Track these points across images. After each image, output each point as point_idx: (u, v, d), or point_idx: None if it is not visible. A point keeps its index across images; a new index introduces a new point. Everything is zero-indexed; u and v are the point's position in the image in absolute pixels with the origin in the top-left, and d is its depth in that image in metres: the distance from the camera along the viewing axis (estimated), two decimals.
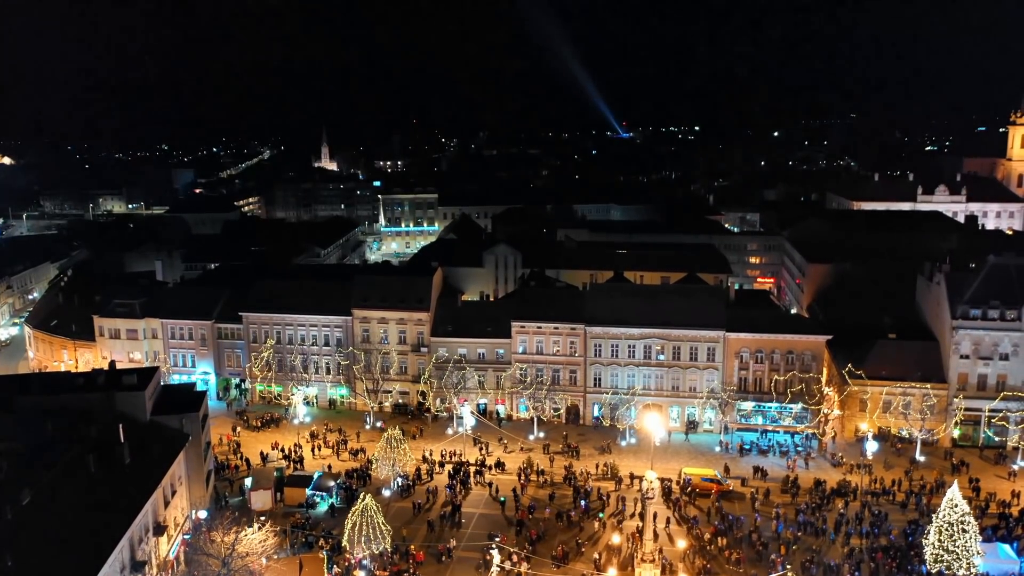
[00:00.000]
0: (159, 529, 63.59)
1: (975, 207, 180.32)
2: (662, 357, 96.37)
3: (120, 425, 63.27)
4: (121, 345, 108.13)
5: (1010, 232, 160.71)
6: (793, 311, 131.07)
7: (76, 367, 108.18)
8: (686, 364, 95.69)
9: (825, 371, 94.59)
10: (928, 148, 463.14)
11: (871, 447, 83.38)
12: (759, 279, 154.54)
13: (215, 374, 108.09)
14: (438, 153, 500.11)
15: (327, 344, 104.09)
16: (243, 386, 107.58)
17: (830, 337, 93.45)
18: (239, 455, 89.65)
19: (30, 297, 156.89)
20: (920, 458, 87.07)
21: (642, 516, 74.34)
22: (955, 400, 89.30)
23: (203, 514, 74.15)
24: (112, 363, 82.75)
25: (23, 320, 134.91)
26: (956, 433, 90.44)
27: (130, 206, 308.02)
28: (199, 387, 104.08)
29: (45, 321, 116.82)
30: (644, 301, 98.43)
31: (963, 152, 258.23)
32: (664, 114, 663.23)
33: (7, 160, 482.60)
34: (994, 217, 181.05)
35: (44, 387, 73.86)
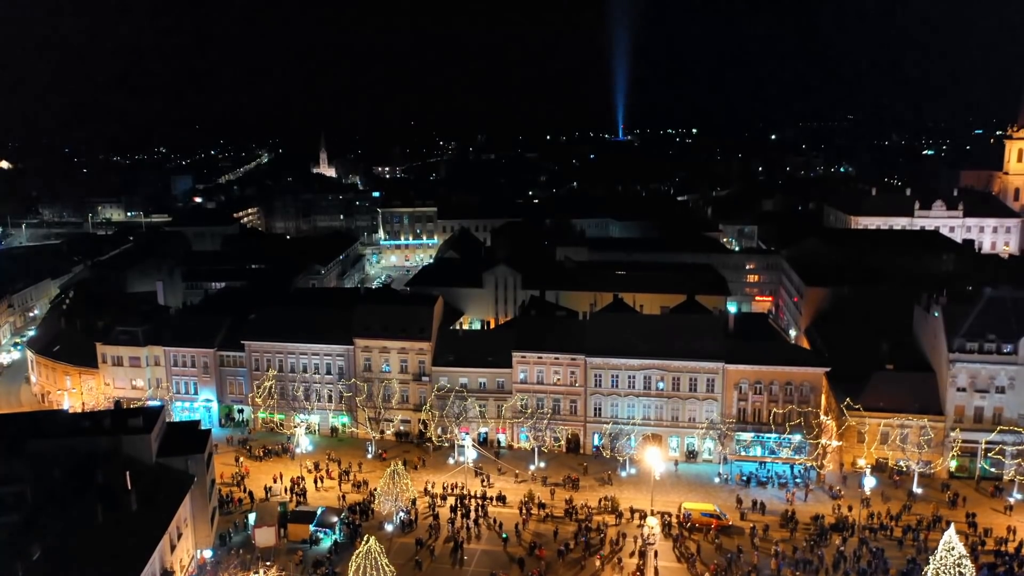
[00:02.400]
0: (166, 575, 64.27)
1: (972, 222, 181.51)
2: (662, 387, 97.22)
3: (127, 473, 63.89)
4: (124, 372, 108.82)
5: (1006, 254, 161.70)
6: (791, 332, 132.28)
7: (80, 395, 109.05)
8: (685, 395, 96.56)
9: (824, 402, 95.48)
10: (925, 152, 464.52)
11: (869, 482, 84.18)
12: (758, 297, 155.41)
13: (217, 401, 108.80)
14: (436, 157, 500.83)
15: (329, 373, 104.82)
16: (244, 415, 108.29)
17: (828, 369, 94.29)
18: (242, 487, 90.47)
19: (31, 315, 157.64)
20: (917, 490, 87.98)
21: (643, 555, 75.47)
22: (952, 432, 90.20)
23: (208, 554, 75.00)
24: (117, 403, 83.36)
25: (24, 342, 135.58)
26: (953, 465, 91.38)
27: (129, 214, 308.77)
28: (201, 415, 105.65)
29: (48, 346, 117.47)
30: (644, 331, 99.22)
31: (960, 160, 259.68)
32: (662, 116, 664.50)
33: (5, 164, 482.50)
34: (991, 232, 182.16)
35: (52, 429, 74.49)
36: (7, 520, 60.39)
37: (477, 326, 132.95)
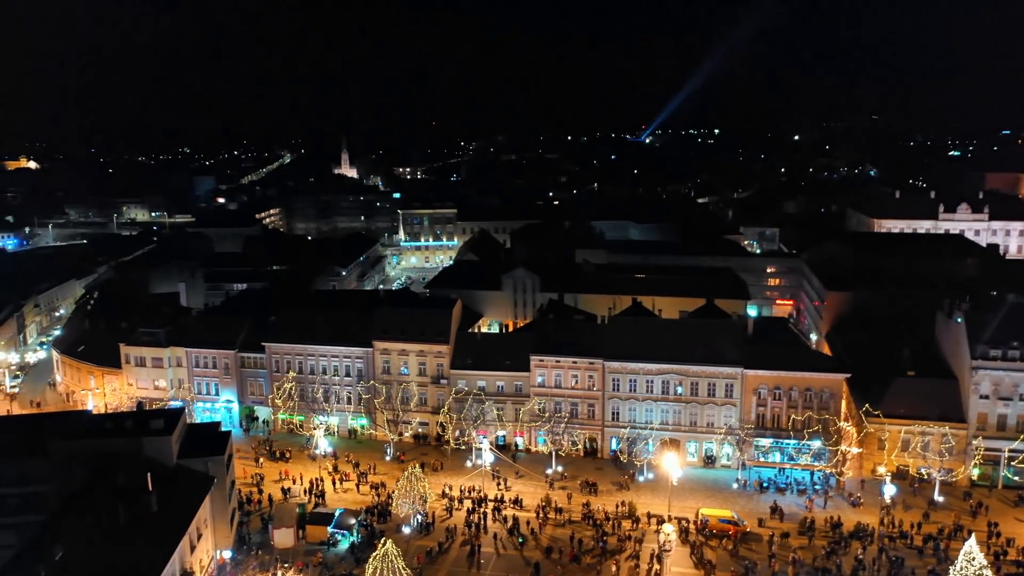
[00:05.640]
0: (186, 575, 65.06)
1: (997, 226, 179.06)
2: (680, 391, 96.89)
3: (148, 475, 64.67)
4: (146, 373, 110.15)
5: None
6: (812, 337, 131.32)
7: (104, 395, 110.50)
8: (704, 400, 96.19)
9: (844, 408, 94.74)
10: (951, 153, 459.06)
11: (889, 490, 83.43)
12: (778, 301, 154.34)
13: (238, 402, 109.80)
14: (457, 158, 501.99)
15: (348, 375, 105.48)
16: (262, 418, 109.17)
17: (849, 376, 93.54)
18: (260, 488, 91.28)
19: (56, 315, 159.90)
20: (939, 498, 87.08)
21: (660, 559, 75.38)
22: (974, 440, 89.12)
23: (227, 554, 75.74)
24: (140, 403, 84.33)
25: (50, 341, 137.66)
26: (975, 473, 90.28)
27: (152, 214, 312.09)
28: (222, 415, 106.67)
29: (72, 347, 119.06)
30: (662, 336, 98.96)
31: (986, 162, 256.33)
32: (684, 117, 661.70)
33: (32, 164, 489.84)
34: (1017, 236, 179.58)
35: (74, 430, 75.59)
36: (30, 520, 61.56)
37: (496, 329, 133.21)
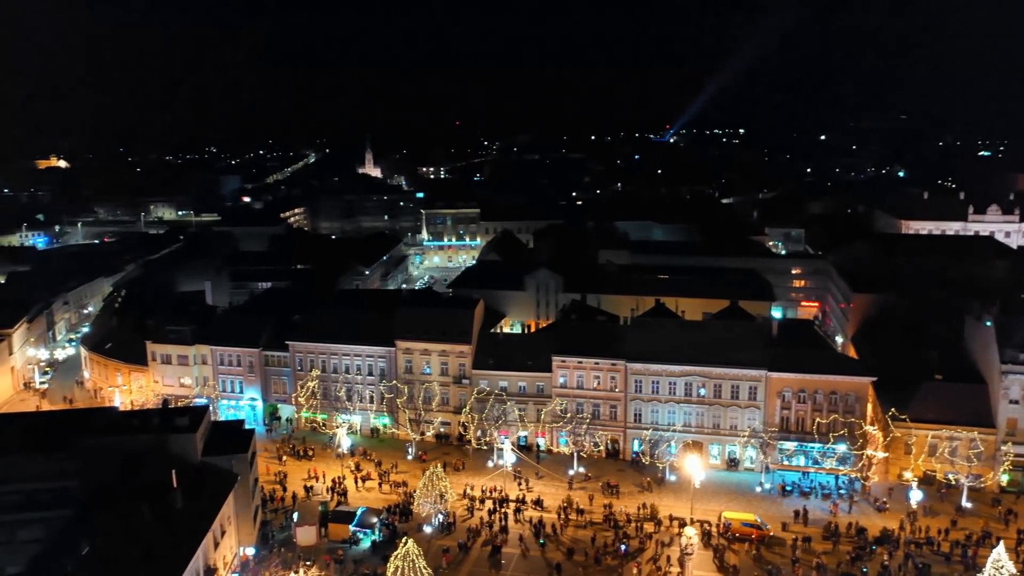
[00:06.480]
0: (209, 572, 65.61)
1: None
2: (703, 393, 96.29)
3: (173, 472, 65.32)
4: (172, 370, 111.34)
5: None
6: (838, 339, 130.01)
7: (130, 391, 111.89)
8: (727, 402, 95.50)
9: (869, 411, 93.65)
10: (981, 154, 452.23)
11: (915, 495, 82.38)
12: (803, 303, 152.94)
13: (262, 400, 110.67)
14: (480, 158, 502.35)
15: (371, 374, 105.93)
16: (285, 416, 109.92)
17: (875, 379, 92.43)
18: (283, 486, 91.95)
19: (85, 312, 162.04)
20: (966, 504, 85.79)
21: (682, 563, 74.94)
22: (1003, 446, 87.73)
23: (251, 551, 76.36)
24: (166, 400, 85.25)
25: (79, 338, 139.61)
26: (1004, 479, 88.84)
27: (179, 213, 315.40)
28: (247, 413, 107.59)
29: (100, 344, 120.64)
30: (685, 337, 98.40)
31: (1018, 163, 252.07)
32: (708, 116, 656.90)
33: (63, 163, 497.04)
34: None
35: (100, 427, 76.59)
36: (57, 515, 62.37)
37: (518, 329, 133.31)
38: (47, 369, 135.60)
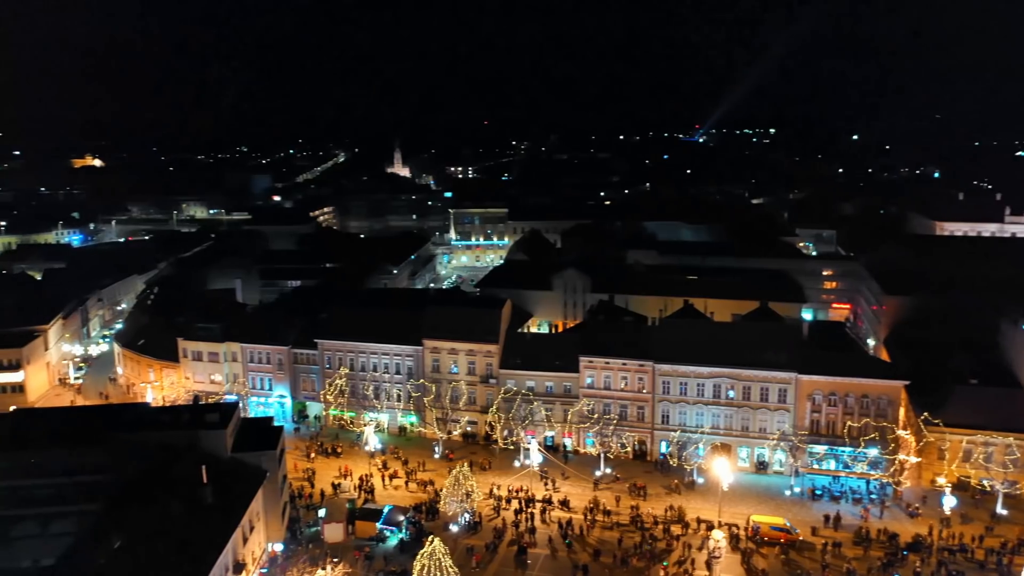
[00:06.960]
0: (238, 567, 66.26)
1: None
2: (732, 395, 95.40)
3: (203, 467, 66.04)
4: (203, 367, 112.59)
5: None
6: (870, 342, 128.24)
7: (162, 388, 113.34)
8: (756, 404, 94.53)
9: (902, 415, 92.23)
10: (1018, 154, 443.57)
11: (949, 501, 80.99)
12: (834, 304, 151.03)
13: (291, 397, 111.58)
14: (508, 157, 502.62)
15: (398, 373, 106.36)
16: (314, 413, 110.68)
17: (908, 383, 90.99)
18: (311, 483, 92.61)
19: (119, 308, 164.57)
20: (1002, 511, 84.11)
21: (709, 566, 74.36)
22: None
23: (279, 547, 76.99)
24: (196, 398, 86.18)
25: (112, 335, 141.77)
26: None
27: (211, 211, 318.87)
28: (276, 410, 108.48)
29: (133, 340, 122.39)
30: (714, 338, 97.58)
31: None
32: (738, 116, 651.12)
33: (97, 162, 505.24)
34: None
35: (133, 422, 77.63)
36: (88, 509, 63.24)
37: (545, 329, 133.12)
38: (81, 365, 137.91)
